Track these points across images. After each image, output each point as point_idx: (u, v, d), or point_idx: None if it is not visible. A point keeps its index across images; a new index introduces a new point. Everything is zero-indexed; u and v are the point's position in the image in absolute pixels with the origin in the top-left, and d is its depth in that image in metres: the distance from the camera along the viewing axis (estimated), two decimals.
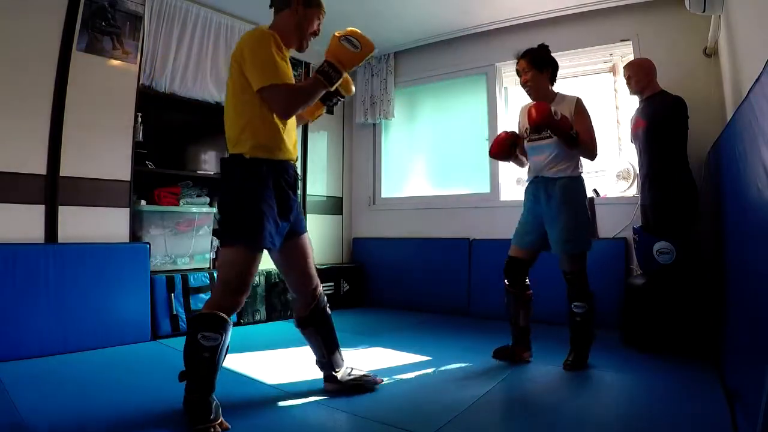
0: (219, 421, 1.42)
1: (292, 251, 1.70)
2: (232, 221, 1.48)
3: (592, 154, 2.06)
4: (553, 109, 1.98)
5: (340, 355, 1.81)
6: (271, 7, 1.63)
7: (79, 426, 1.46)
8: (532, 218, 2.18)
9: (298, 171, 1.69)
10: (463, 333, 2.87)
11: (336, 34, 1.51)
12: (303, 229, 1.77)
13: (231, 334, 1.49)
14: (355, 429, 1.45)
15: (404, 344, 2.51)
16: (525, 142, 2.18)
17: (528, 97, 2.20)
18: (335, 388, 1.76)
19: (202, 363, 1.42)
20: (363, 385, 1.78)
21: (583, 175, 2.12)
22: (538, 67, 2.12)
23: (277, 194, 1.54)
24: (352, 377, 1.78)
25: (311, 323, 1.75)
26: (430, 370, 2.06)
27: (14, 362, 2.10)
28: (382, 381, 1.86)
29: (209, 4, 3.12)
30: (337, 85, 1.52)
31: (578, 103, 2.10)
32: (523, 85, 2.17)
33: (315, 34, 1.65)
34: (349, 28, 1.53)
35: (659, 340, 2.27)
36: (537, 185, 2.14)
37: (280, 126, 1.54)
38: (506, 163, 2.38)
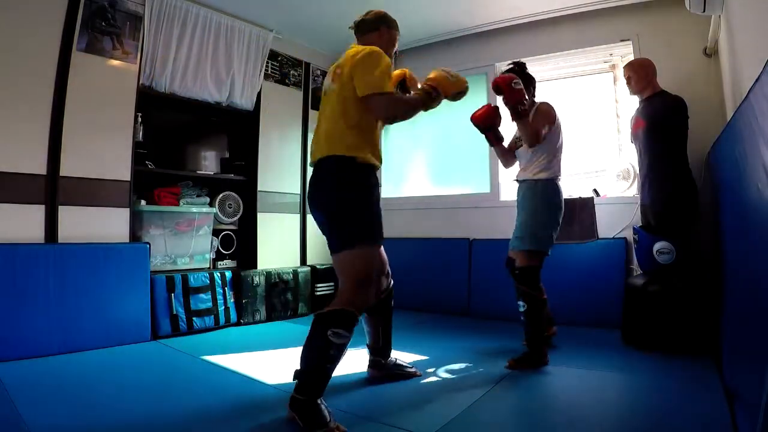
0: (337, 425, 1.41)
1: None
2: (361, 222, 1.59)
3: (530, 138, 2.14)
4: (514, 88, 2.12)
5: (390, 346, 1.97)
6: (357, 32, 1.85)
7: (79, 426, 1.45)
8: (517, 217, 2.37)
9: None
10: (463, 333, 2.87)
11: (439, 69, 1.74)
12: None
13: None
14: (355, 429, 1.45)
15: (404, 344, 2.51)
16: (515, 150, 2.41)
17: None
18: (380, 374, 1.93)
19: (327, 361, 1.44)
20: (404, 374, 1.95)
21: (548, 178, 2.23)
22: None
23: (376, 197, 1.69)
24: (396, 366, 1.96)
25: (377, 312, 1.91)
26: (429, 370, 2.06)
27: (14, 362, 2.10)
28: (421, 375, 1.98)
29: (209, 4, 3.12)
30: (433, 105, 1.71)
31: (539, 104, 2.28)
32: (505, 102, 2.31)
33: (396, 53, 1.89)
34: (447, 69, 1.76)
35: (659, 339, 2.27)
36: (518, 187, 2.37)
37: (377, 133, 1.71)
38: (487, 141, 2.51)
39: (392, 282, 1.97)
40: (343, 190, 1.59)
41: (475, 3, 3.21)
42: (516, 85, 2.08)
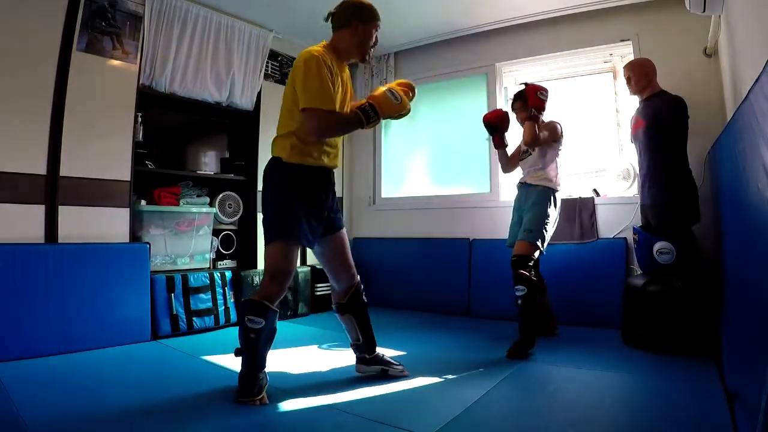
0: (261, 397, 1.64)
1: (330, 245, 1.88)
2: (274, 219, 1.69)
3: (529, 136, 2.41)
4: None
5: (374, 341, 1.96)
6: (326, 20, 1.78)
7: (79, 426, 1.45)
8: (517, 217, 2.59)
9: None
10: (463, 333, 2.86)
11: (383, 86, 1.78)
12: (340, 226, 1.92)
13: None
14: (355, 429, 1.45)
15: (404, 344, 2.51)
16: (520, 159, 2.67)
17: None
18: (365, 370, 1.94)
19: (251, 341, 1.66)
20: (389, 371, 1.94)
21: (558, 189, 2.52)
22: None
23: (311, 197, 1.73)
24: (383, 361, 1.95)
25: (349, 310, 1.92)
26: (429, 370, 2.06)
27: (14, 362, 2.10)
28: (408, 375, 1.96)
29: (209, 4, 3.12)
30: (370, 126, 1.72)
31: (551, 122, 2.56)
32: (521, 121, 2.58)
33: (374, 45, 1.81)
34: (397, 81, 1.83)
35: (659, 339, 2.27)
36: (521, 188, 2.63)
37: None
38: (492, 142, 2.76)
39: (358, 278, 1.96)
40: (265, 189, 1.74)
41: (474, 3, 3.21)
42: (541, 95, 2.38)
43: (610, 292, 2.81)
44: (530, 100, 2.39)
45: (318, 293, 3.67)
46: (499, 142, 2.65)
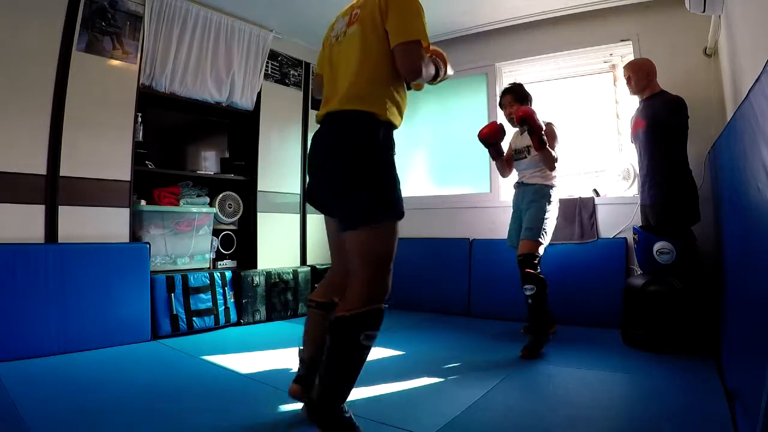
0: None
1: None
2: (383, 194, 1.30)
3: (551, 164, 2.44)
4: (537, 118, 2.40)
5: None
6: None
7: (79, 426, 1.45)
8: (517, 218, 2.61)
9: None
10: (463, 333, 2.86)
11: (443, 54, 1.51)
12: None
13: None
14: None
15: (404, 344, 2.51)
16: (513, 160, 2.68)
17: (510, 124, 2.68)
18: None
19: (359, 365, 1.25)
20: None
21: (555, 185, 2.53)
22: (519, 101, 2.59)
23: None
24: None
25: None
26: (429, 370, 2.06)
27: (14, 362, 2.10)
28: None
29: (209, 4, 3.12)
30: (436, 82, 1.50)
31: (549, 126, 2.50)
32: (509, 116, 2.62)
33: None
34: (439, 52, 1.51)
35: (659, 339, 2.27)
36: (519, 188, 2.65)
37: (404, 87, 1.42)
38: (489, 155, 2.73)
39: None
40: (369, 156, 1.30)
41: (475, 3, 3.21)
42: (538, 119, 2.35)
43: (610, 292, 2.81)
44: (536, 128, 2.32)
45: None
46: (496, 155, 2.65)
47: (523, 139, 2.59)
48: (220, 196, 3.31)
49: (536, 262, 2.36)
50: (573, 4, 3.15)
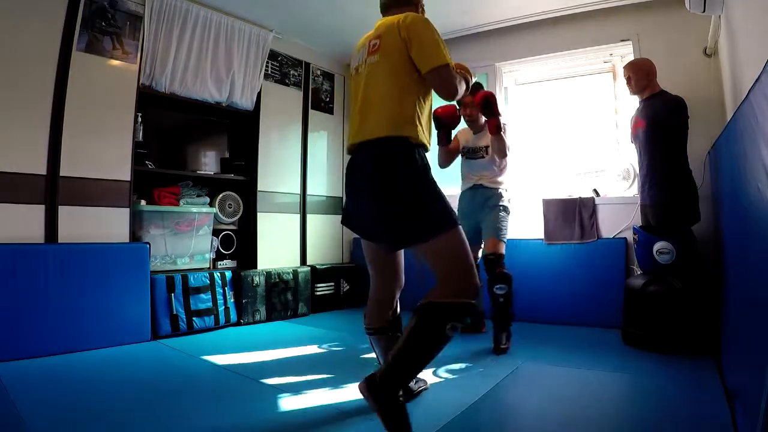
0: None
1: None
2: (441, 204, 1.38)
3: (504, 152, 2.50)
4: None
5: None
6: (389, 4, 1.58)
7: (79, 426, 1.45)
8: (473, 219, 2.62)
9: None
10: (462, 333, 2.86)
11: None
12: None
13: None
14: (355, 429, 1.45)
15: None
16: (463, 158, 2.76)
17: (467, 125, 2.72)
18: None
19: (434, 355, 1.30)
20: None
21: (508, 189, 2.66)
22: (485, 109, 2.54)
23: None
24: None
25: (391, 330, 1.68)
26: (429, 370, 2.06)
27: (14, 362, 2.10)
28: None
29: (209, 4, 3.12)
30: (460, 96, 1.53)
31: (504, 125, 2.54)
32: (468, 116, 2.64)
33: None
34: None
35: (659, 339, 2.27)
36: (475, 190, 2.67)
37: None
38: (437, 138, 2.61)
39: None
40: (412, 176, 1.37)
41: (475, 3, 3.21)
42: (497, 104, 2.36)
43: (610, 292, 2.81)
44: (495, 111, 2.34)
45: (318, 293, 3.67)
46: (445, 140, 2.56)
47: (479, 139, 2.65)
48: (220, 196, 3.31)
49: (503, 261, 2.46)
50: (573, 4, 3.15)
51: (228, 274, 3.13)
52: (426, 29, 1.41)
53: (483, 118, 2.52)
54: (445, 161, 2.75)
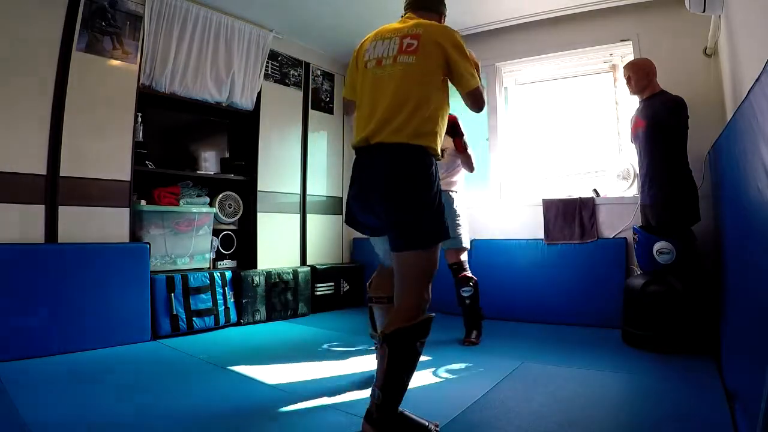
0: (432, 423, 1.43)
1: None
2: (442, 222, 1.43)
3: (472, 166, 2.65)
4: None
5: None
6: (416, 5, 1.61)
7: (79, 426, 1.45)
8: None
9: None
10: (462, 332, 2.86)
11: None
12: None
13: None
14: (355, 429, 1.45)
15: None
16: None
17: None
18: None
19: (412, 370, 1.38)
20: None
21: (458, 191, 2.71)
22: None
23: None
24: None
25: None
26: (430, 370, 2.06)
27: (14, 362, 2.10)
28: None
29: (209, 4, 3.12)
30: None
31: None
32: None
33: None
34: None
35: (659, 339, 2.27)
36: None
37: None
38: None
39: None
40: (426, 187, 1.40)
41: (474, 3, 3.21)
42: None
43: (610, 292, 2.81)
44: (460, 132, 2.55)
45: (318, 293, 3.67)
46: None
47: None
48: (220, 196, 3.31)
49: (467, 266, 2.60)
50: (573, 4, 3.15)
51: (228, 274, 3.13)
52: (466, 51, 1.49)
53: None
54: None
